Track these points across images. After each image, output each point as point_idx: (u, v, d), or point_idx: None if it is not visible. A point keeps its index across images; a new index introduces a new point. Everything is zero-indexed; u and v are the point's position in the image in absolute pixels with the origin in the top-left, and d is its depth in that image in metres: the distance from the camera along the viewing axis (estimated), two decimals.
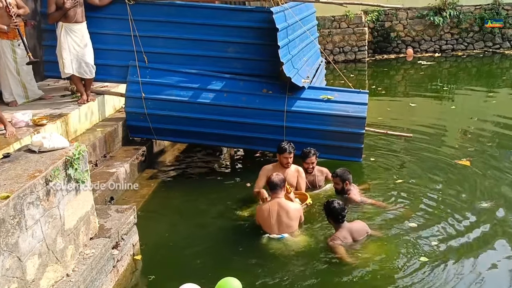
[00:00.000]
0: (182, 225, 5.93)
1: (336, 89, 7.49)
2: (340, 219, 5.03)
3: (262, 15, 6.97)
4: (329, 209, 5.08)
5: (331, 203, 5.09)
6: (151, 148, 7.70)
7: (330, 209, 5.06)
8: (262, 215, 5.42)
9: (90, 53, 7.05)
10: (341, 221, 5.04)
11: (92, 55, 7.08)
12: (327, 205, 5.13)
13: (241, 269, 4.91)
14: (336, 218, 5.05)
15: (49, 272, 3.73)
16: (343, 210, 5.04)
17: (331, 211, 5.05)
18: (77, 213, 4.20)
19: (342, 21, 17.01)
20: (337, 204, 5.06)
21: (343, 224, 5.05)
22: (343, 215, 5.04)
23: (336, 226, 5.08)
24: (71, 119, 6.67)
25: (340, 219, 5.03)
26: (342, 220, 5.04)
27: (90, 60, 7.05)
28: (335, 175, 5.99)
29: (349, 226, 5.10)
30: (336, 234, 5.02)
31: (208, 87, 7.13)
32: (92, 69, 7.11)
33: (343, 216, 5.04)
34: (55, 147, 4.19)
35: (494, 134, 8.82)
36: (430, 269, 4.71)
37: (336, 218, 5.04)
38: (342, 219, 5.04)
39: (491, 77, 14.85)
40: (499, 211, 5.81)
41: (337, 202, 5.10)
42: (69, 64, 6.98)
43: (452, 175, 6.99)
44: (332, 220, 5.11)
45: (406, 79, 15.24)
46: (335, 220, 5.07)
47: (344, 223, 5.07)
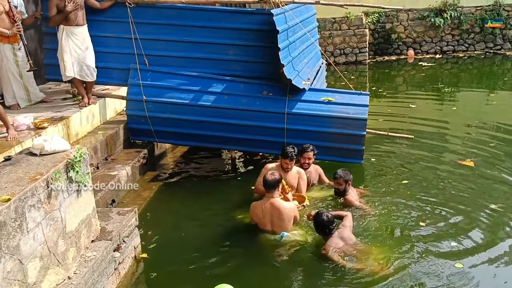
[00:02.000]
0: (183, 227, 5.93)
1: (337, 91, 7.48)
2: (328, 232, 5.01)
3: (262, 17, 6.97)
4: (317, 222, 5.05)
5: (319, 216, 5.05)
6: (153, 150, 7.71)
7: (319, 221, 5.03)
8: (255, 214, 5.50)
9: (91, 56, 7.07)
10: (329, 234, 5.01)
11: (93, 58, 7.10)
12: (316, 217, 5.10)
13: (242, 271, 4.96)
14: (323, 231, 5.03)
15: (51, 275, 3.74)
16: (331, 223, 5.01)
17: (320, 223, 5.03)
18: (78, 215, 4.21)
19: (342, 23, 17.02)
20: (326, 217, 5.02)
21: (331, 235, 5.02)
22: (331, 228, 5.00)
23: (325, 237, 5.05)
24: (73, 122, 6.68)
25: (328, 232, 5.01)
26: (330, 233, 5.01)
27: (91, 63, 7.07)
28: (338, 176, 5.93)
29: (339, 232, 5.06)
30: (328, 243, 4.97)
31: (208, 89, 7.14)
32: (94, 72, 7.13)
33: (331, 230, 5.00)
34: (56, 150, 4.20)
35: (497, 135, 8.82)
36: (442, 270, 4.71)
37: (324, 231, 5.03)
38: (330, 232, 5.00)
39: (492, 78, 14.84)
40: (510, 213, 5.79)
41: (325, 215, 5.05)
42: (70, 67, 6.98)
43: (456, 176, 6.98)
44: (321, 233, 5.09)
45: (407, 81, 15.23)
46: (323, 232, 5.05)
47: (334, 234, 5.03)
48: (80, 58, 7.00)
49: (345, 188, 5.94)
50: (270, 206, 5.37)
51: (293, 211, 5.48)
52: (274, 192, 5.42)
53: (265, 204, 5.41)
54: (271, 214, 5.37)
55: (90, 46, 7.06)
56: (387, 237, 5.33)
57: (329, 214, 5.11)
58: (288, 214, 5.39)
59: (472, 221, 5.66)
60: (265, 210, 5.39)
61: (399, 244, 5.18)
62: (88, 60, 7.03)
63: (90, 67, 7.06)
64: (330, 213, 5.16)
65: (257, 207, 5.49)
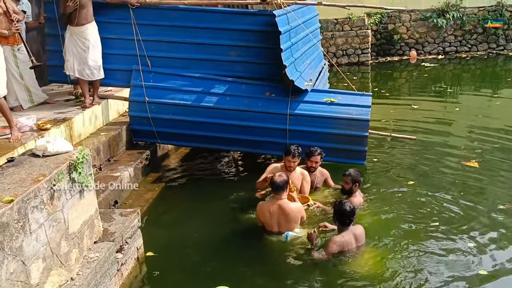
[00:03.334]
0: (186, 228, 5.92)
1: (339, 92, 7.49)
2: (348, 222, 4.99)
3: (264, 18, 6.97)
4: (339, 210, 4.98)
5: (342, 204, 4.99)
6: (155, 152, 7.71)
7: (341, 210, 4.96)
8: (262, 214, 5.48)
9: (94, 55, 7.06)
10: (347, 224, 5.00)
11: (97, 57, 7.10)
12: (338, 205, 5.03)
13: (246, 272, 4.95)
14: (343, 220, 4.99)
15: (53, 276, 3.74)
16: (353, 214, 4.99)
17: (342, 212, 4.96)
18: (81, 217, 4.21)
19: (345, 23, 17.01)
20: (349, 206, 4.98)
21: (348, 227, 5.02)
22: (351, 219, 4.99)
23: (342, 228, 5.03)
24: (75, 124, 6.69)
25: (347, 222, 4.99)
26: (348, 224, 5.00)
27: (93, 63, 7.07)
28: (347, 173, 5.86)
29: (354, 230, 5.06)
30: (339, 239, 4.95)
31: (211, 90, 7.15)
32: (96, 72, 7.13)
33: (351, 221, 5.00)
34: (59, 151, 4.21)
35: (500, 135, 8.79)
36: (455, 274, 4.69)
37: (344, 220, 4.99)
38: (349, 222, 5.00)
39: (495, 78, 14.82)
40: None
41: (348, 205, 5.01)
42: (72, 65, 7.06)
43: (461, 177, 6.96)
44: (338, 222, 5.04)
45: (410, 82, 15.22)
46: (342, 222, 5.00)
47: (350, 226, 5.04)
48: (81, 57, 7.02)
49: (351, 188, 5.85)
50: (278, 208, 5.36)
51: (300, 212, 5.48)
52: (282, 194, 5.41)
53: (273, 206, 5.39)
54: (279, 216, 5.36)
55: (95, 45, 7.06)
56: (397, 241, 5.29)
57: (351, 204, 5.08)
58: (296, 216, 5.40)
59: (483, 222, 5.61)
60: (273, 212, 5.38)
61: (411, 248, 5.14)
62: (90, 60, 7.04)
63: (91, 66, 7.06)
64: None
65: (265, 208, 5.47)
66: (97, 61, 7.13)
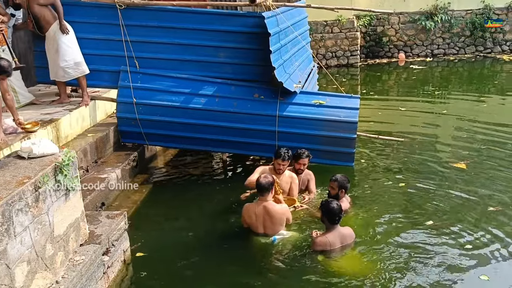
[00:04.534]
0: (173, 230, 5.91)
1: (328, 94, 7.50)
2: (336, 220, 5.03)
3: (254, 20, 6.96)
4: (327, 208, 5.03)
5: (330, 203, 5.06)
6: (143, 153, 7.67)
7: (329, 208, 5.02)
8: (248, 216, 5.49)
9: (64, 56, 7.00)
10: (335, 222, 5.04)
11: (68, 57, 7.02)
12: (325, 204, 5.09)
13: (233, 274, 4.95)
14: (331, 218, 5.03)
15: (38, 279, 3.70)
16: (340, 212, 5.04)
17: (329, 210, 5.01)
18: (66, 219, 4.17)
19: (334, 25, 17.06)
20: (336, 204, 5.04)
21: (336, 226, 5.05)
22: (340, 216, 5.03)
23: (329, 226, 5.07)
24: (62, 125, 6.62)
25: (335, 220, 5.03)
26: (337, 222, 5.04)
27: (64, 63, 7.01)
28: (334, 179, 5.83)
29: (341, 230, 5.10)
30: (322, 239, 5.02)
31: (199, 92, 7.12)
32: (69, 71, 7.06)
33: (339, 218, 5.04)
34: (44, 153, 4.17)
35: (487, 137, 8.85)
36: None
37: (332, 218, 5.02)
38: (338, 220, 5.04)
39: (483, 81, 14.93)
40: (510, 216, 5.80)
41: (335, 203, 5.08)
42: (52, 69, 7.15)
43: (450, 178, 6.99)
44: (326, 220, 5.08)
45: (398, 84, 15.30)
46: (330, 220, 5.05)
47: (337, 226, 5.07)
48: (54, 59, 7.05)
49: (337, 194, 5.78)
50: (263, 209, 5.36)
51: (285, 213, 5.48)
52: (267, 195, 5.40)
53: (258, 207, 5.40)
54: (264, 217, 5.37)
55: (63, 46, 6.98)
56: (385, 243, 5.29)
57: (339, 203, 5.14)
58: (281, 218, 5.40)
59: (476, 225, 5.63)
60: (258, 213, 5.39)
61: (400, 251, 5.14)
62: (61, 60, 7.01)
63: (63, 67, 7.02)
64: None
65: (250, 209, 5.48)
66: (69, 60, 7.05)
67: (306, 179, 6.48)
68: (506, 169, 7.22)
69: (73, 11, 7.08)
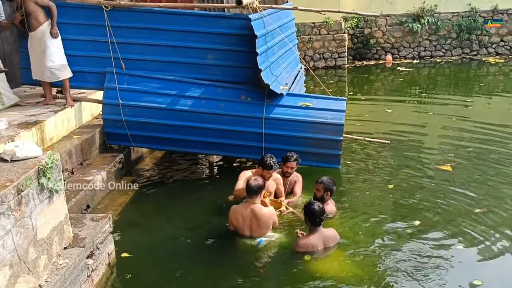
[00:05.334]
0: (159, 233, 5.87)
1: (315, 96, 7.53)
2: (318, 222, 5.06)
3: (240, 22, 6.97)
4: (309, 210, 5.09)
5: (312, 204, 5.11)
6: (129, 155, 7.63)
7: (310, 210, 5.07)
8: (235, 218, 5.49)
9: (51, 56, 6.96)
10: (317, 224, 5.07)
11: (54, 58, 6.99)
12: (307, 205, 5.14)
13: (219, 276, 4.93)
14: (313, 220, 5.07)
15: (21, 283, 3.66)
16: (322, 214, 5.07)
17: (311, 212, 5.06)
18: (50, 222, 4.13)
19: (322, 27, 17.10)
20: (318, 206, 5.08)
21: (319, 228, 5.08)
22: (321, 218, 5.07)
23: (312, 228, 5.11)
24: (47, 126, 6.57)
25: (317, 222, 5.06)
26: (319, 224, 5.07)
27: (51, 64, 6.97)
28: (320, 181, 5.82)
29: (324, 231, 5.14)
30: (304, 241, 5.06)
31: (186, 93, 7.10)
32: (56, 72, 7.03)
33: (321, 220, 5.07)
34: (28, 156, 4.13)
35: (473, 139, 8.92)
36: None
37: (314, 220, 5.07)
38: (319, 222, 5.07)
39: (469, 83, 15.06)
40: (496, 218, 5.83)
41: (317, 204, 5.12)
42: (35, 69, 7.10)
43: (436, 181, 7.03)
44: (309, 222, 5.13)
45: (385, 85, 15.37)
46: (311, 222, 5.09)
47: (320, 227, 5.10)
48: (40, 59, 7.00)
49: (322, 196, 5.76)
50: (250, 212, 5.38)
51: (272, 217, 5.50)
52: (255, 198, 5.42)
53: (245, 210, 5.41)
54: (251, 220, 5.39)
55: (51, 46, 6.96)
56: (370, 246, 5.31)
57: (321, 204, 5.18)
58: (268, 221, 5.42)
59: (463, 227, 5.65)
60: (245, 216, 5.40)
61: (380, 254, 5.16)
62: (48, 61, 6.96)
63: (49, 68, 6.98)
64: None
65: (237, 212, 5.48)
66: (56, 61, 7.01)
67: (293, 181, 6.49)
68: (491, 170, 7.29)
69: (59, 12, 6.99)
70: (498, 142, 8.69)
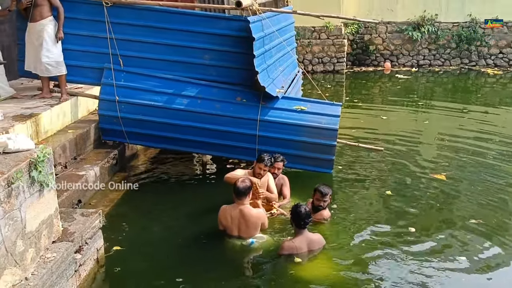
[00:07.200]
0: (149, 230, 5.90)
1: (310, 100, 7.55)
2: (302, 224, 5.11)
3: (239, 24, 6.99)
4: (295, 212, 5.14)
5: (298, 207, 5.16)
6: (123, 151, 7.64)
7: (296, 212, 5.13)
8: (224, 218, 5.52)
9: (47, 52, 6.99)
10: (302, 227, 5.11)
11: (50, 54, 7.02)
12: (294, 207, 5.20)
13: (207, 275, 4.97)
14: (298, 222, 5.11)
15: (7, 275, 3.68)
16: (308, 217, 5.11)
17: (297, 214, 5.11)
18: (39, 216, 4.15)
19: (322, 32, 17.13)
20: (304, 209, 5.13)
21: (303, 231, 5.12)
22: (306, 222, 5.11)
23: (297, 230, 5.15)
24: (43, 120, 6.58)
25: (302, 225, 5.10)
26: (304, 226, 5.11)
27: (46, 59, 7.00)
28: (325, 193, 5.78)
29: (309, 235, 5.17)
30: (289, 243, 5.10)
31: (182, 93, 7.12)
32: (50, 68, 7.06)
33: (306, 223, 5.11)
34: (20, 148, 4.15)
35: (468, 149, 8.94)
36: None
37: (299, 222, 5.11)
38: (304, 225, 5.11)
39: (467, 93, 15.09)
40: (490, 228, 5.84)
41: (304, 207, 5.16)
42: (28, 61, 7.12)
43: (430, 190, 7.02)
44: (294, 224, 5.18)
45: (383, 92, 15.39)
46: (297, 224, 5.14)
47: (305, 230, 5.13)
48: (36, 53, 7.01)
49: (321, 205, 5.82)
50: (239, 213, 5.41)
51: (261, 218, 5.52)
52: (244, 199, 5.45)
53: (234, 210, 5.44)
54: (239, 220, 5.42)
55: (49, 41, 6.98)
56: (358, 250, 5.35)
57: (307, 207, 5.23)
58: (256, 222, 5.45)
59: (459, 238, 5.63)
60: (233, 216, 5.43)
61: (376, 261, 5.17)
62: (43, 56, 6.98)
63: (44, 63, 7.01)
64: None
65: (226, 212, 5.51)
66: (51, 57, 7.04)
67: (280, 183, 6.51)
68: (486, 180, 7.31)
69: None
70: (493, 152, 8.73)
